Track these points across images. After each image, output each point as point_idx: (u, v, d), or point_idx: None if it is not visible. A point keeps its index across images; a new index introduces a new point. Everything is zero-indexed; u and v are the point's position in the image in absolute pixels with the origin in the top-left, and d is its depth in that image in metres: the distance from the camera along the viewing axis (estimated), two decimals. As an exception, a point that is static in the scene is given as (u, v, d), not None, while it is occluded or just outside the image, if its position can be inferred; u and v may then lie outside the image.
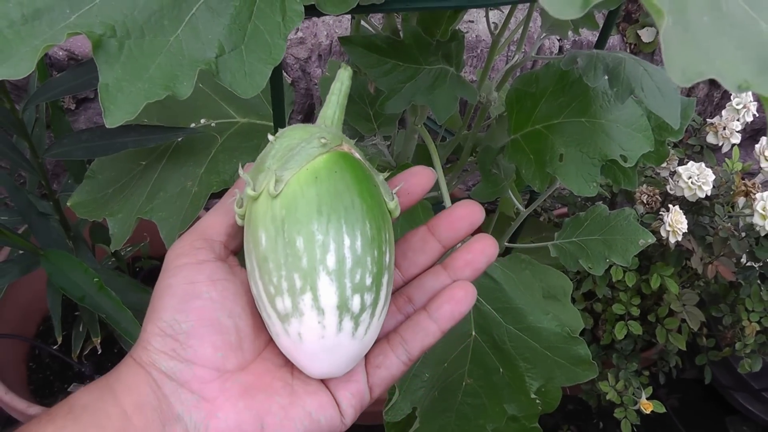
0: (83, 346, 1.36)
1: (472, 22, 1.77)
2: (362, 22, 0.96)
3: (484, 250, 0.60)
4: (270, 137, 0.57)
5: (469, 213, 0.61)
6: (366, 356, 0.58)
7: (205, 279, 0.54)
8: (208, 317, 0.53)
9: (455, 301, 0.58)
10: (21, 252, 1.13)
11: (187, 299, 0.53)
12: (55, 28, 0.53)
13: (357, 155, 0.57)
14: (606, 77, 0.77)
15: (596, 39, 0.97)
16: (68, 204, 1.00)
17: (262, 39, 0.60)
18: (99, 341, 1.26)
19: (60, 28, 0.53)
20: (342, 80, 0.60)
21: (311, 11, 0.67)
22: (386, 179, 0.59)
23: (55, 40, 0.52)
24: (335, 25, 1.70)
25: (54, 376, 1.59)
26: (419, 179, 0.61)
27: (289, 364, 0.56)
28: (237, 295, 0.55)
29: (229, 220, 0.59)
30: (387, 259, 0.55)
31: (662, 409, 1.44)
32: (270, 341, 0.56)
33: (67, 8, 0.54)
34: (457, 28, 0.89)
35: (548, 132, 0.89)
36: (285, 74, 1.70)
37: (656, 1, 0.32)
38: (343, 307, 0.51)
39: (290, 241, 0.51)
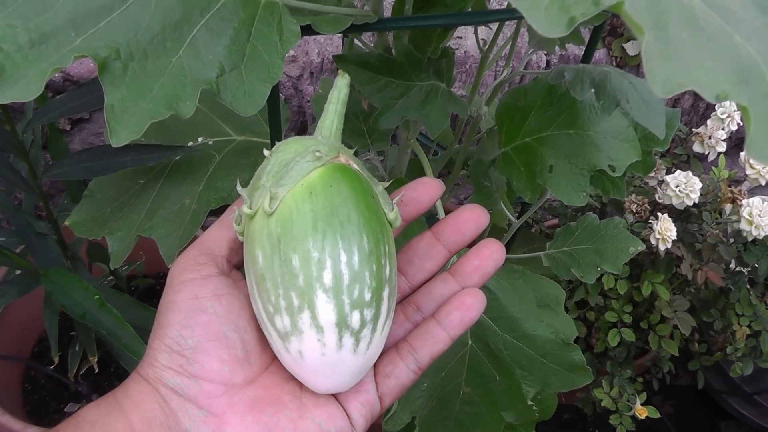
0: (80, 365, 1.37)
1: (461, 38, 1.79)
2: (355, 40, 0.98)
3: (492, 254, 0.60)
4: (266, 152, 0.57)
5: (474, 216, 0.60)
6: (375, 366, 0.58)
7: (210, 294, 0.54)
8: (213, 332, 0.53)
9: (464, 308, 0.57)
10: (19, 272, 1.14)
11: (193, 314, 0.53)
12: (61, 51, 0.54)
13: (355, 166, 0.56)
14: (592, 90, 0.78)
15: (582, 53, 0.99)
16: (67, 223, 1.01)
17: (261, 59, 0.61)
18: (96, 360, 1.26)
19: (66, 52, 0.54)
20: (340, 88, 0.60)
21: (307, 31, 0.68)
22: (386, 189, 0.59)
23: (62, 63, 0.53)
24: (326, 43, 1.71)
25: (50, 397, 1.59)
26: (428, 188, 0.61)
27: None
28: (242, 309, 0.55)
29: (231, 235, 0.58)
30: (387, 272, 0.54)
31: (657, 415, 1.45)
32: None
33: (72, 32, 0.55)
34: (447, 45, 0.90)
35: (538, 144, 0.90)
36: (277, 92, 1.72)
37: (637, 19, 0.34)
38: (342, 324, 0.51)
39: (286, 260, 0.51)
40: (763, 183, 1.50)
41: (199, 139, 1.03)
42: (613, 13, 0.37)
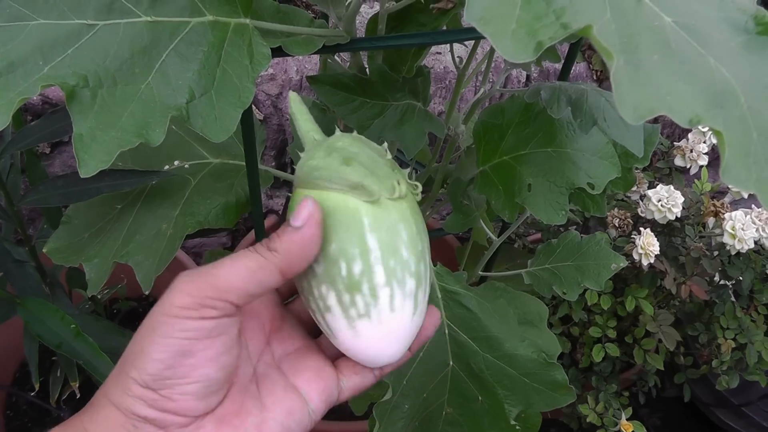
0: (61, 390, 1.35)
1: (440, 53, 1.78)
2: (335, 56, 0.97)
3: None
4: (338, 129, 0.62)
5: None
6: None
7: (204, 337, 0.52)
8: (197, 375, 0.52)
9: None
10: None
11: (181, 356, 0.51)
12: (29, 80, 0.53)
13: None
14: (569, 109, 0.78)
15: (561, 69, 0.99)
16: (44, 250, 0.99)
17: (231, 83, 0.61)
18: (77, 385, 1.25)
19: (34, 81, 0.53)
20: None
21: (278, 52, 0.68)
22: None
23: (30, 93, 0.52)
24: (305, 61, 1.71)
25: (32, 423, 1.58)
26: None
27: (253, 380, 0.57)
28: (232, 349, 0.54)
29: (249, 282, 0.53)
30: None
31: (642, 430, 1.45)
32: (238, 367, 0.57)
33: (40, 60, 0.54)
34: (423, 63, 0.90)
35: (516, 163, 0.90)
36: (257, 110, 1.71)
37: (605, 43, 0.33)
38: (422, 294, 0.58)
39: (397, 233, 0.57)
40: (745, 196, 1.51)
41: (176, 163, 1.02)
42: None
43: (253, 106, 1.68)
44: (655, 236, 1.38)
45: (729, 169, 0.35)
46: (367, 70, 0.85)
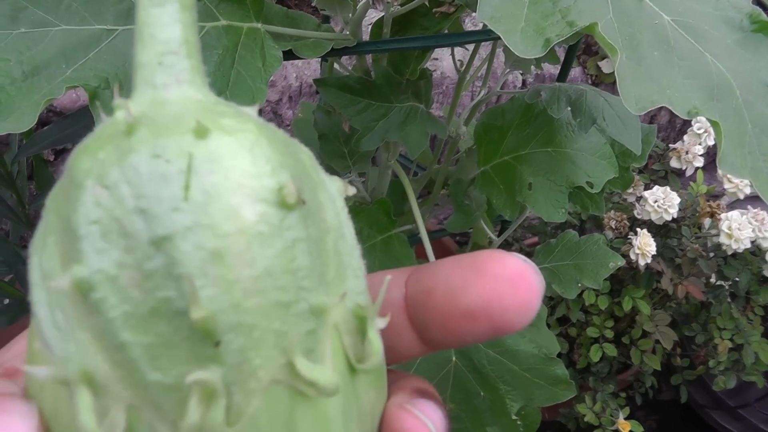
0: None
1: (437, 59, 1.80)
2: (335, 64, 0.99)
3: None
4: None
5: None
6: None
7: None
8: None
9: None
10: (7, 301, 1.14)
11: None
12: (53, 82, 0.55)
13: None
14: (569, 108, 0.80)
15: (558, 72, 1.00)
16: (53, 252, 1.01)
17: (245, 84, 0.62)
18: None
19: (58, 83, 0.55)
20: None
21: (288, 55, 0.70)
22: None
23: (54, 94, 0.54)
24: (304, 68, 1.73)
25: (39, 424, 1.59)
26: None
27: None
28: None
29: None
30: None
31: (640, 429, 1.46)
32: None
33: (63, 63, 0.56)
34: (425, 66, 0.92)
35: (516, 162, 0.91)
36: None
37: (610, 40, 0.36)
38: None
39: None
40: (741, 197, 1.52)
41: (183, 165, 1.03)
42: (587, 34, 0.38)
43: (254, 111, 1.70)
44: (652, 237, 1.39)
45: (726, 158, 0.38)
46: (372, 73, 0.87)
